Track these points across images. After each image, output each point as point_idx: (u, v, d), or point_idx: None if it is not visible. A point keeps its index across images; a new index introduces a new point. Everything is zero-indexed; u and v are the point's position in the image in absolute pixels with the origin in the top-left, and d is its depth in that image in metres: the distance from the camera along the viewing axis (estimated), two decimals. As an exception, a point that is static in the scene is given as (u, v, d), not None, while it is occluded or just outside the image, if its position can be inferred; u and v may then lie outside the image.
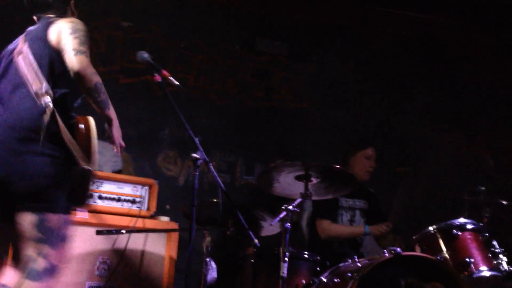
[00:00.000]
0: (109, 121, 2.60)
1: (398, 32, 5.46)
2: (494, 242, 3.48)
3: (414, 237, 3.58)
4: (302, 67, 5.29)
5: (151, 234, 3.72)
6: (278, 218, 3.09)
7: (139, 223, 3.71)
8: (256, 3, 5.16)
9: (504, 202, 3.71)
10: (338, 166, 3.49)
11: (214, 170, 3.04)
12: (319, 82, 5.28)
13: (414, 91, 5.44)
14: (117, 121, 2.63)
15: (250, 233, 3.24)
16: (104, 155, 4.34)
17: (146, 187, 3.87)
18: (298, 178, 3.38)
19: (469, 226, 3.48)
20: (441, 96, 5.45)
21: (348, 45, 5.36)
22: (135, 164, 4.65)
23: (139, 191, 3.84)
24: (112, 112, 2.59)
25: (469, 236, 3.43)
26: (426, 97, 5.44)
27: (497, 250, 3.43)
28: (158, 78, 2.88)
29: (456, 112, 5.43)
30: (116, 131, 2.63)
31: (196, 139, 2.88)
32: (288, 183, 3.45)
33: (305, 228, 4.55)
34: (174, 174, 4.77)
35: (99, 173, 3.75)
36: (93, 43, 4.65)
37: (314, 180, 3.40)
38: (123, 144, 2.69)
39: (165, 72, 2.89)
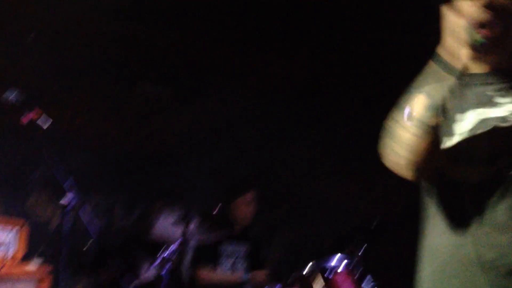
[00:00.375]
0: None
1: (280, 78, 5.65)
2: (368, 277, 3.62)
3: (288, 281, 3.63)
4: (184, 110, 5.30)
5: (19, 280, 3.46)
6: (154, 265, 3.01)
7: (6, 268, 3.45)
8: (137, 45, 5.13)
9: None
10: (218, 210, 3.50)
11: (87, 214, 2.91)
12: (202, 125, 5.31)
13: (292, 135, 5.62)
14: None
15: (124, 279, 3.12)
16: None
17: (15, 230, 3.63)
18: (176, 222, 3.33)
19: (342, 264, 3.59)
20: (318, 140, 5.66)
21: (230, 89, 5.46)
22: (4, 206, 4.36)
23: (7, 234, 3.60)
24: None
25: (341, 277, 3.54)
26: (304, 141, 5.63)
27: (369, 286, 3.57)
28: (27, 118, 2.74)
29: (333, 154, 5.67)
30: None
31: (68, 182, 2.75)
32: (167, 226, 3.38)
33: (186, 273, 4.46)
34: (45, 219, 4.52)
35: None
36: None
37: (194, 225, 3.37)
38: None
39: (35, 112, 2.75)
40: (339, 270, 3.56)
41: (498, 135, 1.30)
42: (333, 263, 3.63)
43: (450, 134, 1.35)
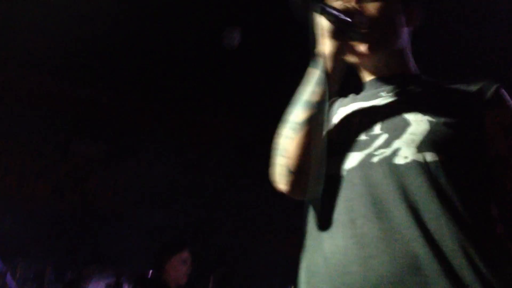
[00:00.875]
0: None
1: (214, 136, 5.71)
2: None
3: None
4: (119, 169, 5.23)
5: None
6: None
7: None
8: (71, 105, 5.08)
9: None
10: (150, 274, 3.42)
11: (12, 281, 2.79)
12: (137, 184, 5.25)
13: (229, 194, 5.63)
14: None
15: None
16: None
17: None
18: (109, 286, 3.24)
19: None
20: (253, 199, 5.70)
21: (165, 147, 5.45)
22: None
23: None
24: None
25: None
26: (240, 199, 5.65)
27: None
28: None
29: (273, 214, 5.70)
30: None
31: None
32: (98, 292, 3.28)
33: None
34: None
35: None
36: None
37: (126, 289, 3.28)
38: None
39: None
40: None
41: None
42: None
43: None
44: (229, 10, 4.22)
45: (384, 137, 1.30)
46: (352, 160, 1.29)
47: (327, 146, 1.31)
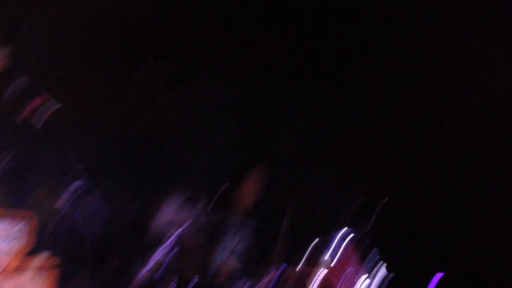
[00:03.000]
0: None
1: (273, 57, 5.63)
2: (374, 250, 3.66)
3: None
4: (186, 92, 5.28)
5: (27, 273, 3.47)
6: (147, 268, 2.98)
7: (14, 261, 3.46)
8: (139, 25, 5.10)
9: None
10: (224, 189, 3.48)
11: (96, 200, 2.96)
12: (203, 103, 5.29)
13: (290, 112, 5.59)
14: None
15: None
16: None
17: (23, 222, 3.63)
18: (184, 203, 3.35)
19: (348, 239, 3.64)
20: (316, 116, 5.63)
21: (228, 67, 5.43)
22: (12, 198, 4.38)
23: (15, 226, 3.59)
24: None
25: (344, 257, 3.57)
26: (303, 118, 5.60)
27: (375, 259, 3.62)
28: (33, 104, 2.75)
29: (331, 128, 5.63)
30: None
31: (75, 169, 2.79)
32: (174, 209, 3.41)
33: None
34: (55, 205, 4.55)
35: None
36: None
37: (201, 205, 3.38)
38: None
39: (40, 98, 2.77)
40: (344, 245, 3.60)
41: None
42: (339, 237, 3.67)
43: None
44: None
45: None
46: None
47: None
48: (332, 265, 3.55)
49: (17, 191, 4.41)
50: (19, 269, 3.49)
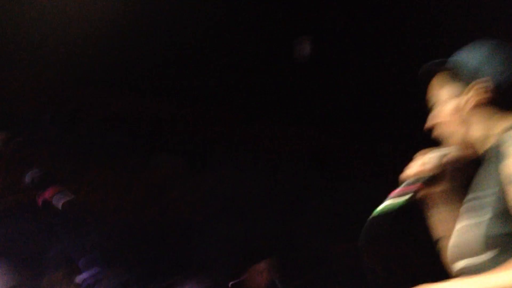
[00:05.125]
0: None
1: (287, 148, 5.72)
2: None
3: None
4: (198, 181, 5.32)
5: None
6: None
7: None
8: (149, 120, 5.23)
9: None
10: (232, 283, 3.43)
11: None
12: (216, 196, 5.31)
13: (306, 204, 5.59)
14: None
15: None
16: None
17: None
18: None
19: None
20: (331, 207, 5.62)
21: (241, 160, 5.50)
22: (21, 286, 4.30)
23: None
24: None
25: None
26: (318, 208, 5.60)
27: None
28: (42, 197, 2.77)
29: (348, 221, 5.60)
30: None
31: (82, 260, 2.74)
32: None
33: None
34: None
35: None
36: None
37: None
38: None
39: (49, 191, 2.78)
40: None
41: None
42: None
43: None
44: (299, 21, 4.22)
45: None
46: None
47: None
48: None
49: (26, 279, 4.33)
50: None
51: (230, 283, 3.37)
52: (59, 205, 2.81)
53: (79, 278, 2.72)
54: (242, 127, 5.54)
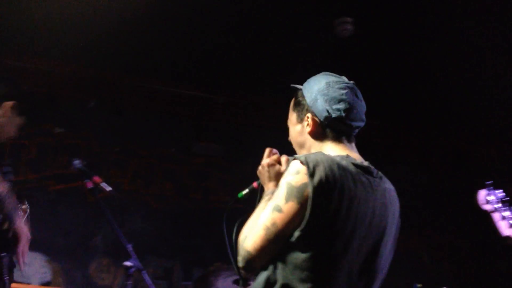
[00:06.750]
0: (16, 236, 2.42)
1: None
2: None
3: None
4: (238, 168, 5.33)
5: None
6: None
7: None
8: (191, 107, 5.25)
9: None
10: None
11: (148, 278, 2.93)
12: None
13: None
14: (26, 237, 2.48)
15: None
16: (33, 265, 4.12)
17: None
18: (236, 282, 3.30)
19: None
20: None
21: (282, 146, 5.47)
22: (66, 275, 4.42)
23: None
24: (19, 227, 2.44)
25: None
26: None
27: None
28: (89, 184, 2.82)
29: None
30: (22, 248, 2.45)
31: (129, 246, 2.79)
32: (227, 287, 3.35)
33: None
34: (108, 283, 4.55)
35: (27, 286, 3.52)
36: (24, 150, 4.58)
37: (253, 284, 3.32)
38: (25, 261, 2.51)
39: (96, 178, 2.83)
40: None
41: None
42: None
43: None
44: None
45: None
46: None
47: None
48: None
49: (73, 267, 4.45)
50: None
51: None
52: (106, 192, 2.86)
53: (126, 264, 2.76)
54: (283, 113, 5.52)
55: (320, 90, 1.89)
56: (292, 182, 1.73)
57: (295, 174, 1.74)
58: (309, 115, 1.91)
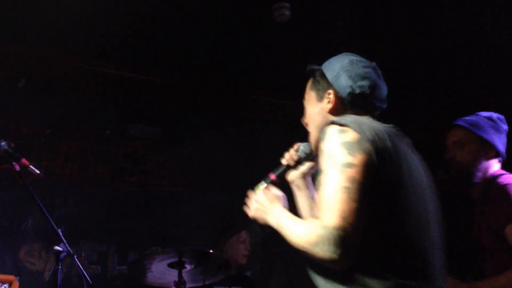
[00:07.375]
0: None
1: (264, 116, 5.69)
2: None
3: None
4: (176, 151, 5.28)
5: None
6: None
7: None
8: (126, 88, 5.14)
9: None
10: (212, 251, 3.43)
11: (79, 263, 2.86)
12: (194, 165, 5.28)
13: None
14: None
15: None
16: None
17: (6, 285, 3.54)
18: (171, 265, 3.27)
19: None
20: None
21: (220, 129, 5.46)
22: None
23: (-3, 290, 3.51)
24: None
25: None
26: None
27: None
28: (16, 167, 2.71)
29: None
30: None
31: (59, 230, 2.71)
32: (161, 271, 3.32)
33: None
34: (38, 269, 4.42)
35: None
36: None
37: (188, 267, 3.31)
38: None
39: (24, 161, 2.73)
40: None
41: None
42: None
43: None
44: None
45: None
46: None
47: None
48: None
49: (2, 251, 4.30)
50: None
51: (210, 251, 3.37)
52: (35, 175, 2.76)
53: (56, 249, 2.68)
54: (219, 97, 5.50)
55: (343, 67, 1.83)
56: (345, 139, 1.58)
57: (341, 133, 1.60)
58: (330, 91, 1.83)
